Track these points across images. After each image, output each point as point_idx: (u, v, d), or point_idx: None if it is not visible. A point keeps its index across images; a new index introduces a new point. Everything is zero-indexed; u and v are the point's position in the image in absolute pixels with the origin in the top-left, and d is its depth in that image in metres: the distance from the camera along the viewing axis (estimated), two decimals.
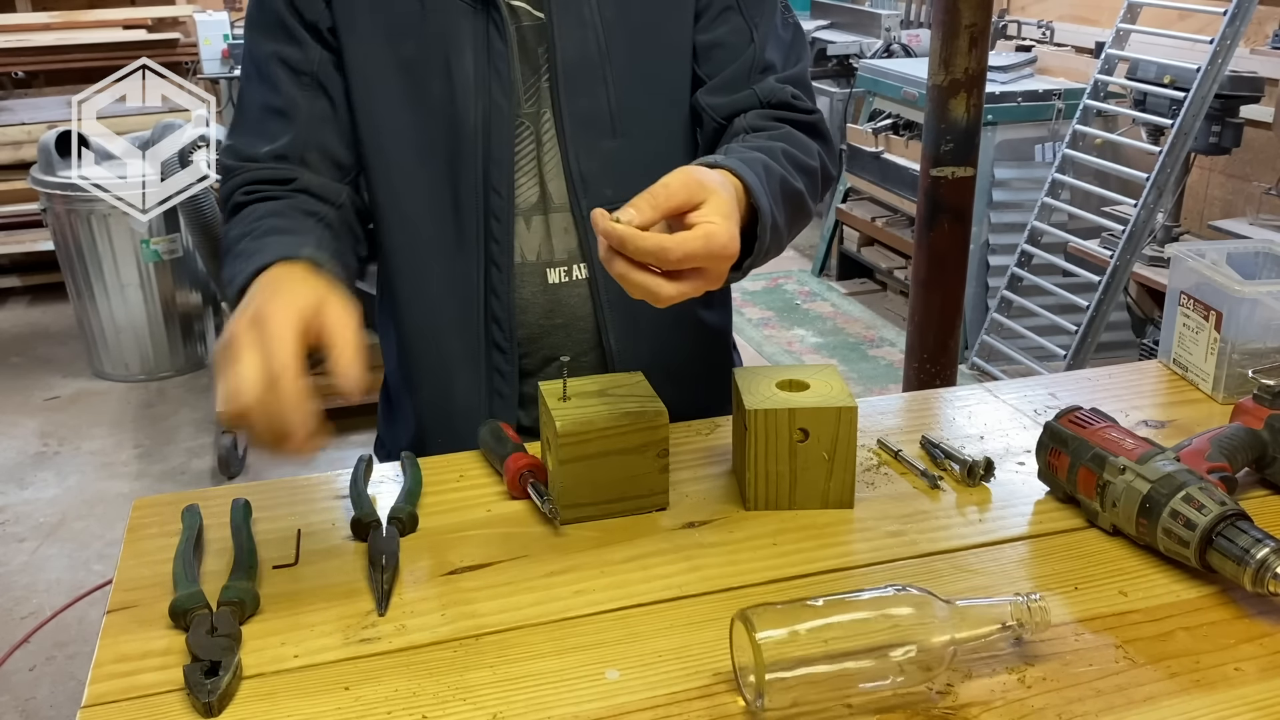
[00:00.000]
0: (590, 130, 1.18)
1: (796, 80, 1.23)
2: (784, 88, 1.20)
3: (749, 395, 1.06)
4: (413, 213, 1.19)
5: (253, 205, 1.15)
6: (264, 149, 1.17)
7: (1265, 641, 0.88)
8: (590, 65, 1.16)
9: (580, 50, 1.16)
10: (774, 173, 1.06)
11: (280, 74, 1.16)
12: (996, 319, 4.00)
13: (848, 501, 1.08)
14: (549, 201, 1.21)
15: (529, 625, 0.91)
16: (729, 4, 1.20)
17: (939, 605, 0.82)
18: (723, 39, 1.20)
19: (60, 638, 2.60)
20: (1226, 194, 3.97)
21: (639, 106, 1.19)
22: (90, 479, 3.32)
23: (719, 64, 1.21)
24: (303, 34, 1.16)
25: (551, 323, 1.24)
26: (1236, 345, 1.29)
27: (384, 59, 1.15)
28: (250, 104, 1.20)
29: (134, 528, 1.06)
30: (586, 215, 1.18)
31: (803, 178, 1.13)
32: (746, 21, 1.21)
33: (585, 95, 1.16)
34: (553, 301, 1.22)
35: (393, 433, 1.35)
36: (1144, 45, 3.83)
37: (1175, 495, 0.95)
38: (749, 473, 1.06)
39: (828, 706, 0.81)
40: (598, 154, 1.18)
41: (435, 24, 1.13)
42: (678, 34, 1.20)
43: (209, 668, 0.83)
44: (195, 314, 4.02)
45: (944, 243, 2.59)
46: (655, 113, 1.21)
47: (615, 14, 1.16)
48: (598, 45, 1.16)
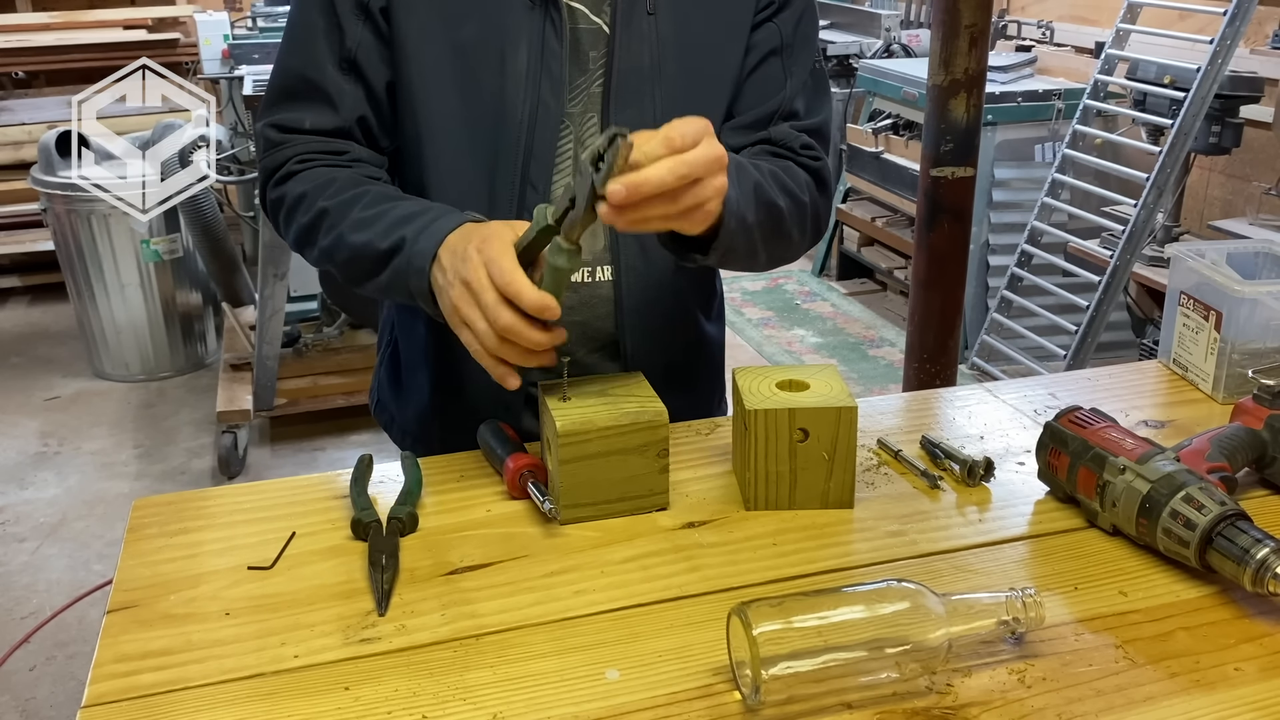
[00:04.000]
0: None
1: (813, 130, 1.25)
2: (798, 135, 1.23)
3: (749, 395, 1.06)
4: (448, 199, 1.19)
5: (317, 170, 1.16)
6: (309, 123, 1.17)
7: (1265, 641, 0.88)
8: (641, 78, 1.17)
9: (634, 62, 1.17)
10: (748, 174, 1.10)
11: (322, 49, 1.16)
12: (996, 319, 4.00)
13: (848, 501, 1.08)
14: None
15: (529, 625, 0.91)
16: (774, 46, 1.22)
17: (934, 599, 0.83)
18: (759, 81, 1.23)
19: (60, 638, 2.60)
20: (1226, 194, 3.97)
21: None
22: (90, 479, 3.33)
23: (748, 104, 1.23)
24: (348, 14, 1.16)
25: (570, 319, 1.24)
26: (1236, 345, 1.29)
27: (439, 43, 1.15)
28: (291, 73, 1.19)
29: (134, 528, 1.06)
30: None
31: (785, 199, 1.15)
32: (784, 69, 1.23)
33: (633, 106, 1.18)
34: (574, 300, 1.23)
35: (401, 405, 1.36)
36: (1144, 45, 3.83)
37: (1175, 495, 0.95)
38: (749, 473, 1.06)
39: (825, 703, 0.81)
40: None
41: (494, 14, 1.14)
42: (727, 62, 1.21)
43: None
44: (195, 314, 4.02)
45: (944, 243, 2.59)
46: None
47: (671, 32, 1.18)
48: (651, 59, 1.17)
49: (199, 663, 0.87)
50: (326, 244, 1.14)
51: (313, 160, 1.17)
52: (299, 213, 1.16)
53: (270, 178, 1.20)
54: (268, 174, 1.21)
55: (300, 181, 1.17)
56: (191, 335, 4.02)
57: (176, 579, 0.98)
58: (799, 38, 1.24)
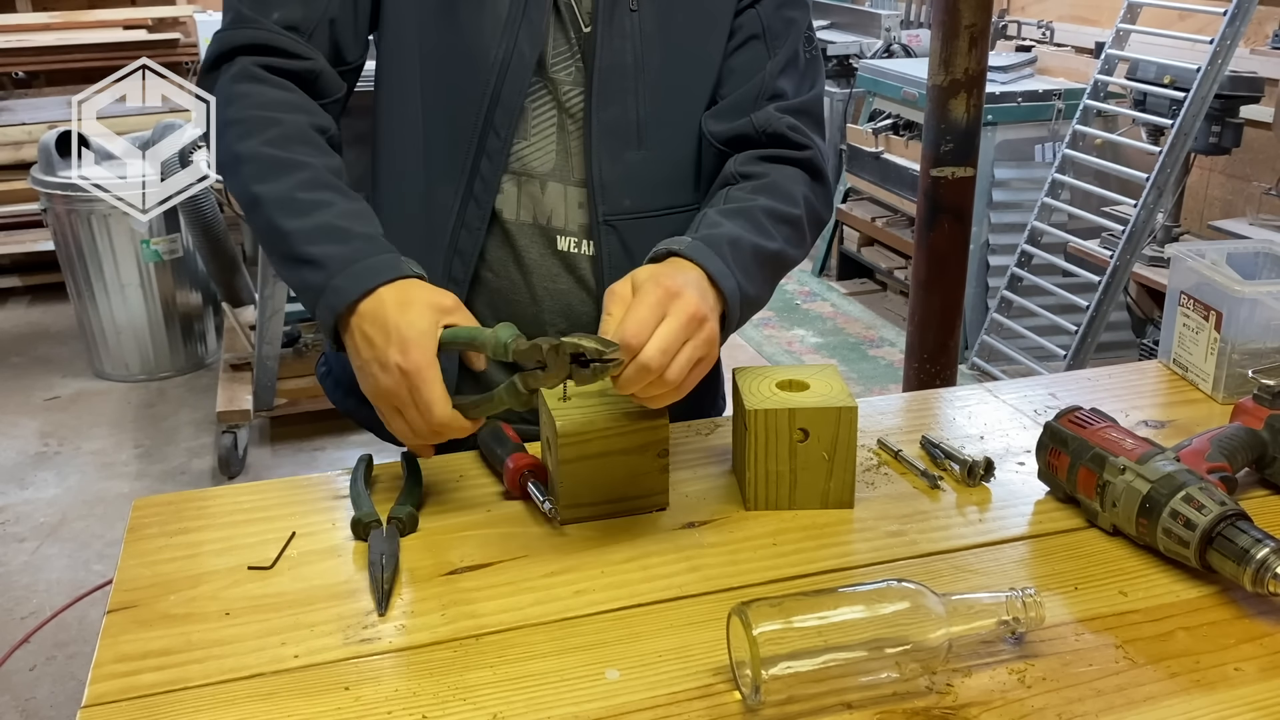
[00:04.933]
0: (615, 139, 1.19)
1: (801, 110, 1.22)
2: (782, 118, 1.20)
3: (749, 395, 1.06)
4: (408, 133, 1.19)
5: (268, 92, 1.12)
6: (276, 14, 1.14)
7: (1265, 641, 0.88)
8: (624, 75, 1.17)
9: (617, 59, 1.17)
10: (743, 246, 1.09)
11: None
12: (996, 319, 4.00)
13: (848, 501, 1.08)
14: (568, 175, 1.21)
15: (529, 625, 0.91)
16: (755, 32, 1.21)
17: (934, 599, 0.83)
18: (740, 64, 1.22)
19: (60, 638, 2.60)
20: (1226, 194, 3.97)
21: (664, 120, 1.20)
22: (90, 479, 3.32)
23: (730, 87, 1.22)
24: None
25: (557, 286, 1.24)
26: (1236, 345, 1.29)
27: None
28: None
29: (134, 528, 1.06)
30: (603, 221, 1.19)
31: (783, 232, 1.15)
32: (767, 48, 1.22)
33: (616, 104, 1.17)
34: (561, 265, 1.23)
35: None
36: (1144, 45, 3.83)
37: (1175, 495, 0.95)
38: (749, 473, 1.06)
39: (825, 703, 0.81)
40: (620, 162, 1.19)
41: None
42: (710, 53, 1.21)
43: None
44: (195, 314, 4.02)
45: (944, 243, 2.59)
46: (679, 128, 1.22)
47: (654, 27, 1.18)
48: (634, 56, 1.17)
49: (199, 663, 0.87)
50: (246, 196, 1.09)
51: (270, 61, 1.13)
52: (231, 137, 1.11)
53: (222, 61, 1.15)
54: (222, 52, 1.15)
55: (245, 104, 1.11)
56: (191, 335, 4.02)
57: (176, 579, 0.98)
58: (780, 19, 1.22)
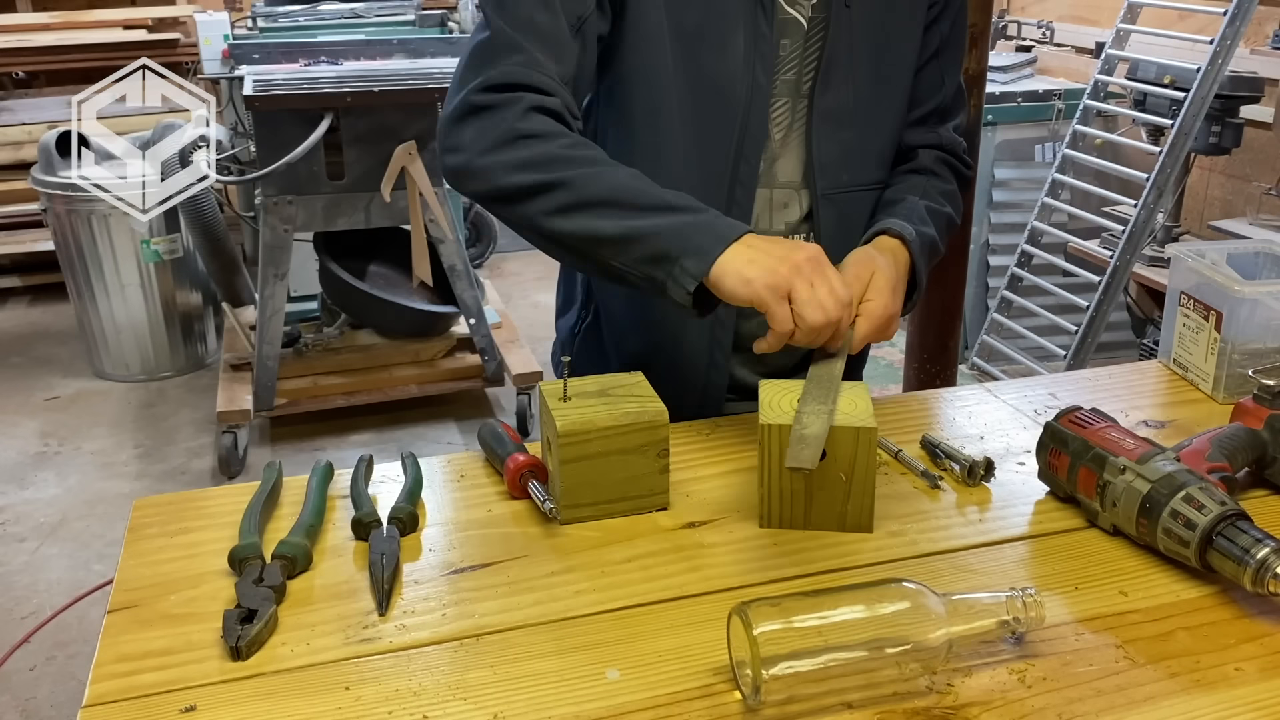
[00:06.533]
0: (831, 121, 1.27)
1: (965, 134, 1.42)
2: (960, 141, 1.40)
3: (767, 409, 1.04)
4: (665, 171, 1.23)
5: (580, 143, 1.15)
6: (555, 68, 1.17)
7: (1265, 641, 0.88)
8: (841, 66, 1.26)
9: (837, 52, 1.25)
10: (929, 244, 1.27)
11: (555, 5, 1.17)
12: (996, 319, 4.00)
13: (866, 526, 1.04)
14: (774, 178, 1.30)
15: (529, 625, 0.91)
16: (934, 51, 1.34)
17: (934, 599, 0.83)
18: (920, 80, 1.34)
19: (60, 638, 2.60)
20: (1226, 194, 3.97)
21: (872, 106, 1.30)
22: (90, 479, 3.32)
23: (914, 102, 1.35)
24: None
25: None
26: (1236, 345, 1.29)
27: (665, 26, 1.21)
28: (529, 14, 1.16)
29: (134, 528, 1.06)
30: (821, 195, 1.29)
31: (947, 234, 1.33)
32: (942, 71, 1.36)
33: (834, 89, 1.26)
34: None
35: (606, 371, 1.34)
36: (1144, 45, 3.82)
37: (1175, 495, 0.95)
38: (761, 488, 1.04)
39: (825, 703, 0.81)
40: (836, 142, 1.28)
41: (715, 2, 1.21)
42: (906, 59, 1.31)
43: (246, 615, 0.88)
44: (195, 314, 4.02)
45: None
46: (885, 113, 1.32)
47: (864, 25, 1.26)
48: (849, 49, 1.25)
49: (199, 663, 0.87)
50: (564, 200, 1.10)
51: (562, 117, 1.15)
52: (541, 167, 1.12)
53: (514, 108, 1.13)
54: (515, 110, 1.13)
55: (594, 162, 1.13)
56: (191, 335, 4.02)
57: (176, 579, 0.98)
58: (954, 41, 1.36)
